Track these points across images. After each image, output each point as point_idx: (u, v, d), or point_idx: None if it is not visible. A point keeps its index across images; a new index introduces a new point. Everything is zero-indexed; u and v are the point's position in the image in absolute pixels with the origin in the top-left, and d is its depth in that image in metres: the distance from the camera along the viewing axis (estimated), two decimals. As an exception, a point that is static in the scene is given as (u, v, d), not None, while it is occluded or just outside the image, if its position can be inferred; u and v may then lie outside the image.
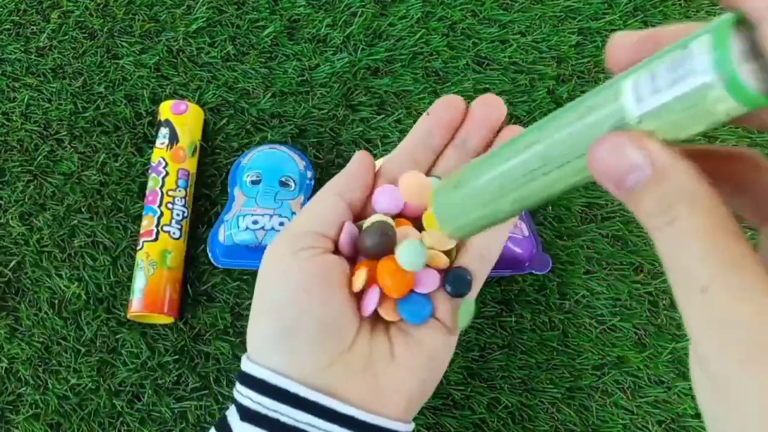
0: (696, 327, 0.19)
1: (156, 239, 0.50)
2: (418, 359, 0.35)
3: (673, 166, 0.20)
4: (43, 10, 0.58)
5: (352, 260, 0.36)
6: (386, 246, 0.34)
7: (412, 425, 0.36)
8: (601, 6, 0.59)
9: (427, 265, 0.35)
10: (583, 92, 0.57)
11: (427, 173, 0.38)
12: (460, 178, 0.29)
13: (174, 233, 0.51)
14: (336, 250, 0.36)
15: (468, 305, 0.39)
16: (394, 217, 0.36)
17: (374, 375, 0.34)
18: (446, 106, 0.37)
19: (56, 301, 0.51)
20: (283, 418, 0.33)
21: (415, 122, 0.56)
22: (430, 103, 0.56)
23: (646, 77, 0.20)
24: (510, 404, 0.50)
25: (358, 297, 0.35)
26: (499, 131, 0.38)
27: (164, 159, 0.52)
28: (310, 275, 0.33)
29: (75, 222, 0.53)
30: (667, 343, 0.52)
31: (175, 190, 0.51)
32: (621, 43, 0.22)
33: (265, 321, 0.34)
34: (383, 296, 0.35)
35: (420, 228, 0.37)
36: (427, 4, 0.58)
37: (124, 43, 0.57)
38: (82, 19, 0.58)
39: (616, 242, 0.54)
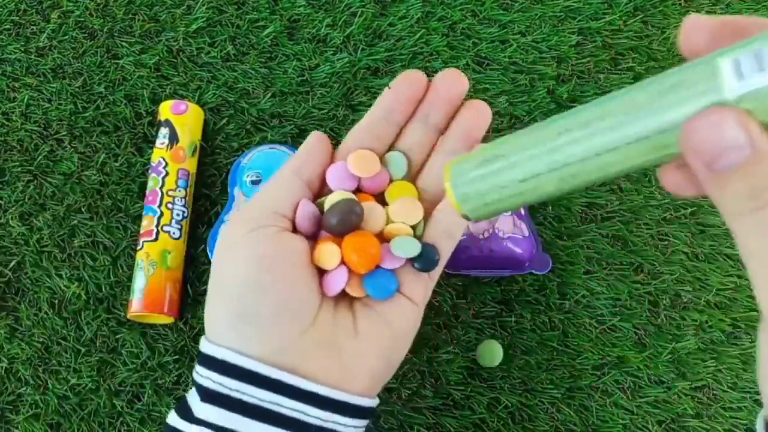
0: None
1: (156, 239, 0.50)
2: (383, 335, 0.35)
3: None
4: (43, 10, 0.58)
5: (312, 238, 0.36)
6: (353, 223, 0.34)
7: (377, 400, 0.36)
8: (601, 6, 0.59)
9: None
10: (582, 93, 0.57)
11: (390, 148, 0.38)
12: (494, 151, 0.27)
13: (174, 233, 0.51)
14: (294, 230, 0.35)
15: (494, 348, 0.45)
16: (355, 193, 0.36)
17: (338, 351, 0.34)
18: (408, 81, 0.37)
19: (56, 301, 0.52)
20: (245, 398, 0.32)
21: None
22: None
23: (750, 57, 0.19)
24: (510, 404, 0.51)
25: (320, 274, 0.35)
26: (461, 107, 0.38)
27: (164, 159, 0.52)
28: (269, 254, 0.33)
29: (75, 222, 0.53)
30: (667, 343, 0.52)
31: (175, 190, 0.51)
32: (697, 26, 0.22)
33: (224, 302, 0.33)
34: (349, 273, 0.34)
35: (382, 203, 0.36)
36: (427, 4, 0.58)
37: (124, 43, 0.57)
38: (82, 19, 0.58)
39: (616, 242, 0.54)
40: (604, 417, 0.50)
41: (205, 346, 0.33)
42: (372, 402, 0.35)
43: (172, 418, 0.34)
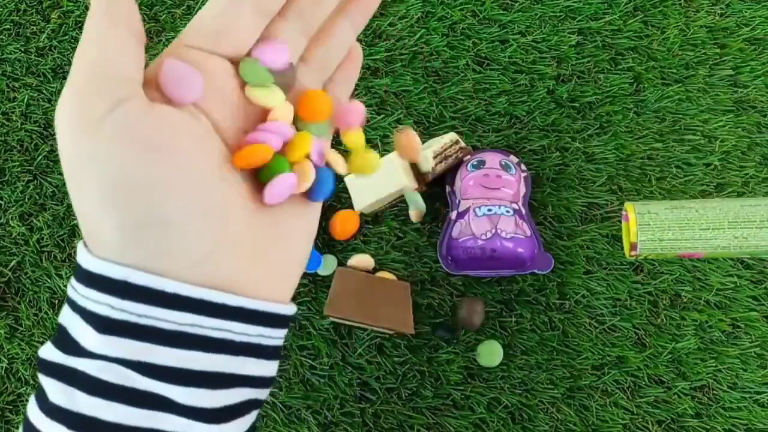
0: None
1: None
2: (303, 237, 0.30)
3: None
4: (43, 10, 0.58)
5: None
6: None
7: (295, 307, 0.31)
8: (601, 6, 0.59)
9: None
10: (582, 92, 0.57)
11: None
12: (683, 203, 0.35)
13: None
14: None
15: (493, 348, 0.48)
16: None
17: (264, 258, 0.28)
18: None
19: (56, 301, 0.52)
20: (160, 324, 0.25)
21: (414, 122, 0.56)
22: (429, 103, 0.56)
23: None
24: (510, 404, 0.50)
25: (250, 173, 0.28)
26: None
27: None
28: (156, 136, 0.24)
29: (75, 222, 0.53)
30: (667, 343, 0.52)
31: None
32: None
33: (111, 204, 0.24)
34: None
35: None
36: (427, 4, 0.58)
37: (124, 43, 0.57)
38: (83, 19, 0.58)
39: (615, 242, 0.54)
40: (604, 417, 0.50)
41: (92, 262, 0.25)
42: (293, 308, 0.31)
43: (49, 352, 0.26)
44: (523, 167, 0.54)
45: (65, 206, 0.53)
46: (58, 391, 0.26)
